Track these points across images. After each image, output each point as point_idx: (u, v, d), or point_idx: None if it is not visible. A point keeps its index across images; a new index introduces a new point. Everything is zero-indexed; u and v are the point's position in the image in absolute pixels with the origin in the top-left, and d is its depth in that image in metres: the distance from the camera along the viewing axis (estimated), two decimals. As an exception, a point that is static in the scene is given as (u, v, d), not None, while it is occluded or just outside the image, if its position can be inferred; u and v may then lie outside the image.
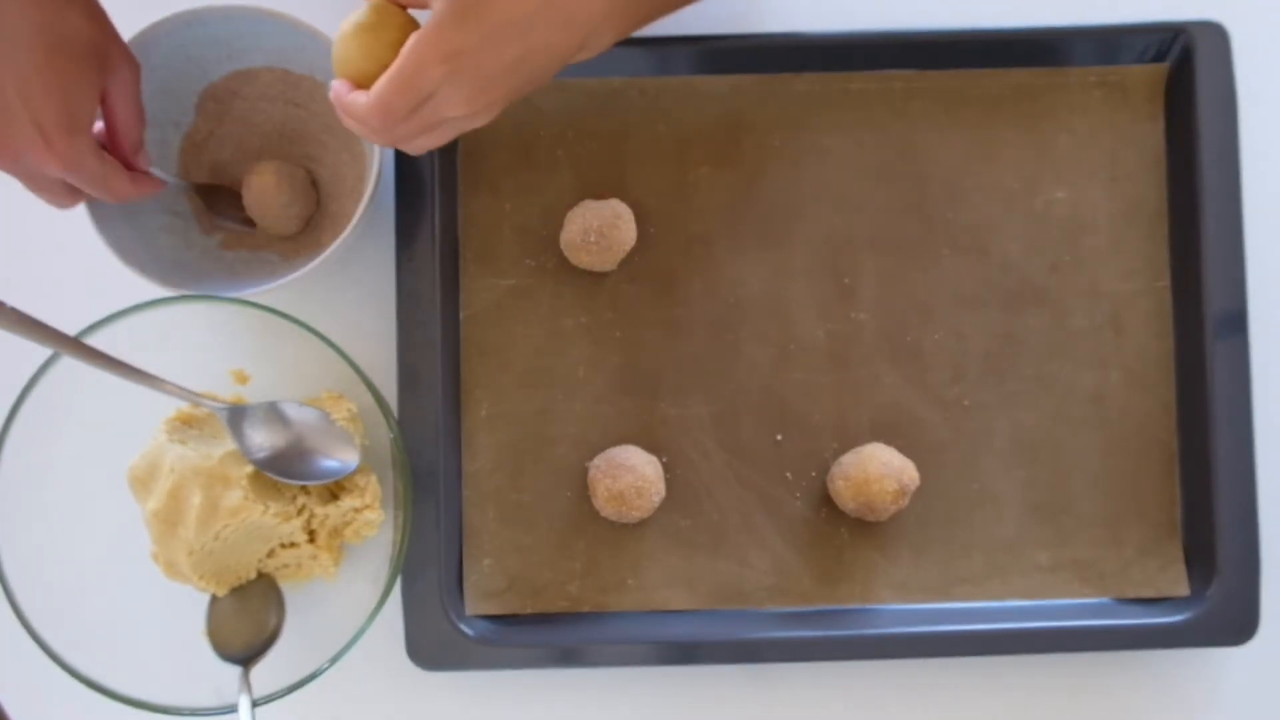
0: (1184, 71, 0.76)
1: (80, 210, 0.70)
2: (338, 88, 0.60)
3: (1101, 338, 0.76)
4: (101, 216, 0.70)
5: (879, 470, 0.72)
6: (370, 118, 0.57)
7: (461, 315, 0.76)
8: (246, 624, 0.72)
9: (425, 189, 0.75)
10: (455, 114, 0.57)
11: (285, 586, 0.74)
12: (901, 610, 0.74)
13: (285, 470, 0.70)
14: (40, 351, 0.68)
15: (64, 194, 0.67)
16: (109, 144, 0.68)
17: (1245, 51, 0.75)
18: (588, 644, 0.73)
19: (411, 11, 0.61)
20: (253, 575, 0.73)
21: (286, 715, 0.72)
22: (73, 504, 0.72)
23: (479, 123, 0.61)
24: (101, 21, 0.64)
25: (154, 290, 0.70)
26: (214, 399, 0.71)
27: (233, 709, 0.69)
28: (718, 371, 0.76)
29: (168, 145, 0.75)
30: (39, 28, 0.60)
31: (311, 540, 0.73)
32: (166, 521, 0.69)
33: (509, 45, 0.55)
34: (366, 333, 0.76)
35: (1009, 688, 0.76)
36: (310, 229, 0.76)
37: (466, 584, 0.75)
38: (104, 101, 0.65)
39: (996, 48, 0.76)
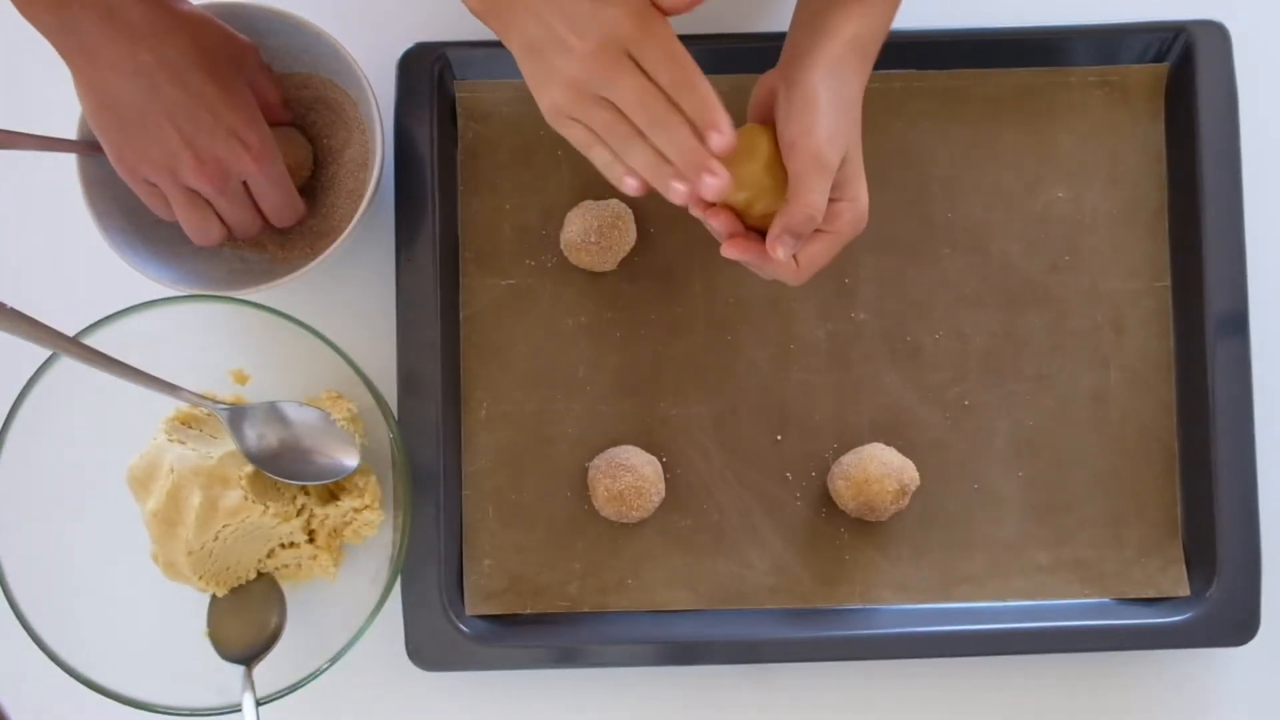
0: (1184, 71, 0.76)
1: (80, 210, 0.70)
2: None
3: (1101, 338, 0.76)
4: (102, 213, 0.70)
5: (879, 470, 0.71)
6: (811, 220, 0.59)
7: (461, 315, 0.76)
8: (247, 624, 0.72)
9: (425, 189, 0.75)
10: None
11: (285, 586, 0.74)
12: (902, 610, 0.74)
13: (285, 470, 0.70)
14: (40, 351, 0.68)
15: (251, 220, 0.71)
16: (267, 112, 0.71)
17: (1245, 51, 0.75)
18: (588, 644, 0.73)
19: None
20: (253, 575, 0.73)
21: (286, 715, 0.72)
22: (73, 504, 0.73)
23: None
24: (219, 25, 0.68)
25: (154, 290, 0.70)
26: (214, 399, 0.71)
27: (235, 708, 0.69)
28: (718, 371, 0.76)
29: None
30: (193, 49, 0.64)
31: (311, 540, 0.73)
32: (166, 521, 0.69)
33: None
34: (366, 333, 0.76)
35: (1009, 688, 0.76)
36: (309, 229, 0.76)
37: (466, 584, 0.75)
38: (253, 87, 0.70)
39: (996, 48, 0.76)
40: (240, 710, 0.69)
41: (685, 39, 0.75)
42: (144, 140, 0.65)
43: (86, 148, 0.69)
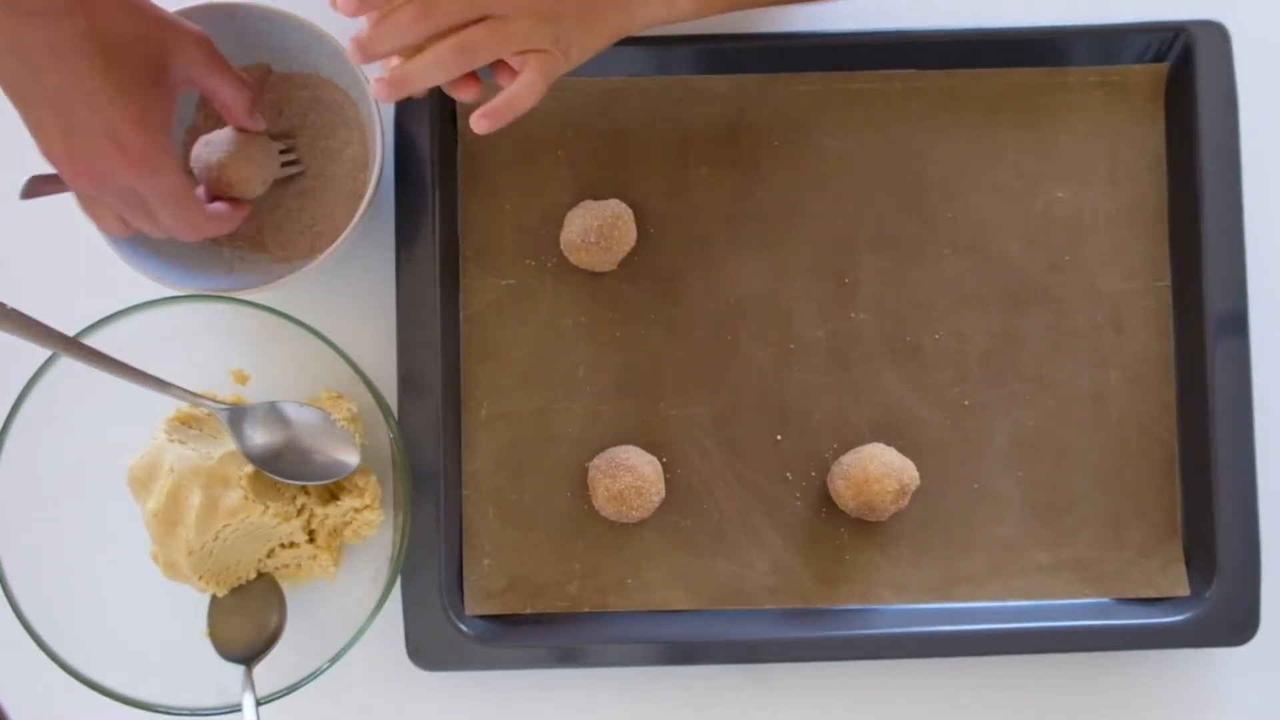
0: (1184, 71, 0.76)
1: (81, 210, 0.70)
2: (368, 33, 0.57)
3: (1101, 338, 0.76)
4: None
5: (879, 470, 0.71)
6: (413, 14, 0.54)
7: (461, 315, 0.76)
8: (247, 624, 0.72)
9: (425, 189, 0.75)
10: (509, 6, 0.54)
11: (285, 586, 0.74)
12: (902, 610, 0.74)
13: (285, 470, 0.70)
14: (40, 351, 0.68)
15: (150, 226, 0.65)
16: (225, 116, 0.69)
17: (1245, 51, 0.75)
18: (588, 644, 0.73)
19: None
20: (253, 575, 0.73)
21: (286, 715, 0.72)
22: (73, 504, 0.73)
23: (549, 39, 0.57)
24: (144, 11, 0.62)
25: (154, 290, 0.70)
26: (214, 399, 0.71)
27: (235, 708, 0.69)
28: (718, 371, 0.76)
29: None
30: (87, 35, 0.59)
31: (311, 540, 0.73)
32: (166, 521, 0.69)
33: None
34: (366, 333, 0.76)
35: (1009, 688, 0.76)
36: (309, 229, 0.76)
37: (466, 584, 0.75)
38: (196, 86, 0.66)
39: (996, 48, 0.76)
40: (240, 710, 0.69)
41: (682, 40, 0.76)
42: (30, 122, 0.61)
43: None
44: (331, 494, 0.73)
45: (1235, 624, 0.73)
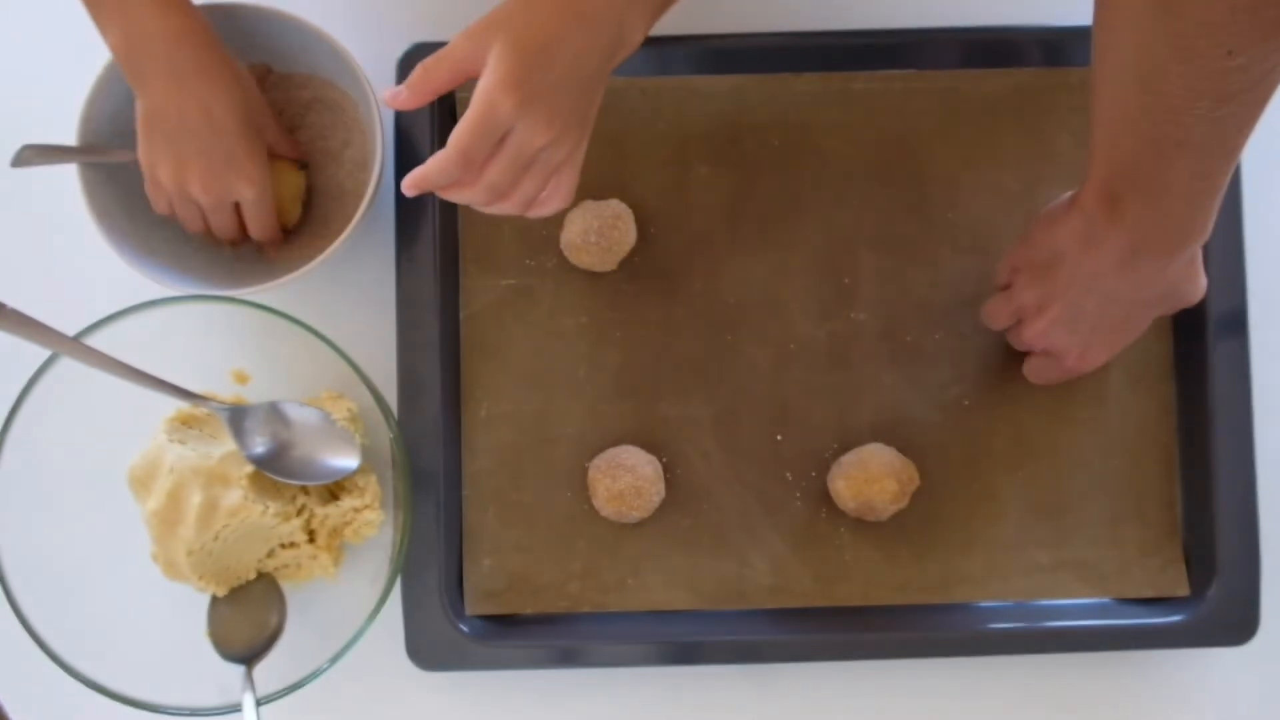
0: (1184, 71, 0.75)
1: (81, 210, 0.70)
2: (417, 174, 0.60)
3: (1101, 338, 0.76)
4: (102, 213, 0.70)
5: (879, 470, 0.72)
6: (451, 165, 0.59)
7: (461, 315, 0.76)
8: (247, 624, 0.72)
9: (425, 189, 0.75)
10: (540, 142, 0.60)
11: (285, 586, 0.74)
12: (901, 610, 0.74)
13: (285, 470, 0.70)
14: (40, 351, 0.68)
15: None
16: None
17: (1245, 51, 0.75)
18: (588, 644, 0.73)
19: None
20: (253, 575, 0.73)
21: (286, 715, 0.72)
22: (73, 504, 0.72)
23: (567, 150, 0.62)
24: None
25: (154, 290, 0.70)
26: (214, 399, 0.71)
27: (235, 708, 0.69)
28: (718, 371, 0.76)
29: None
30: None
31: (311, 540, 0.73)
32: (166, 521, 0.69)
33: (556, 59, 0.59)
34: (366, 333, 0.76)
35: (1009, 688, 0.76)
36: (309, 229, 0.76)
37: (466, 584, 0.75)
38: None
39: (996, 48, 0.76)
40: (240, 710, 0.69)
41: (681, 40, 0.76)
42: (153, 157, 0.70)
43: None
44: (332, 494, 0.73)
45: (1235, 624, 0.73)
